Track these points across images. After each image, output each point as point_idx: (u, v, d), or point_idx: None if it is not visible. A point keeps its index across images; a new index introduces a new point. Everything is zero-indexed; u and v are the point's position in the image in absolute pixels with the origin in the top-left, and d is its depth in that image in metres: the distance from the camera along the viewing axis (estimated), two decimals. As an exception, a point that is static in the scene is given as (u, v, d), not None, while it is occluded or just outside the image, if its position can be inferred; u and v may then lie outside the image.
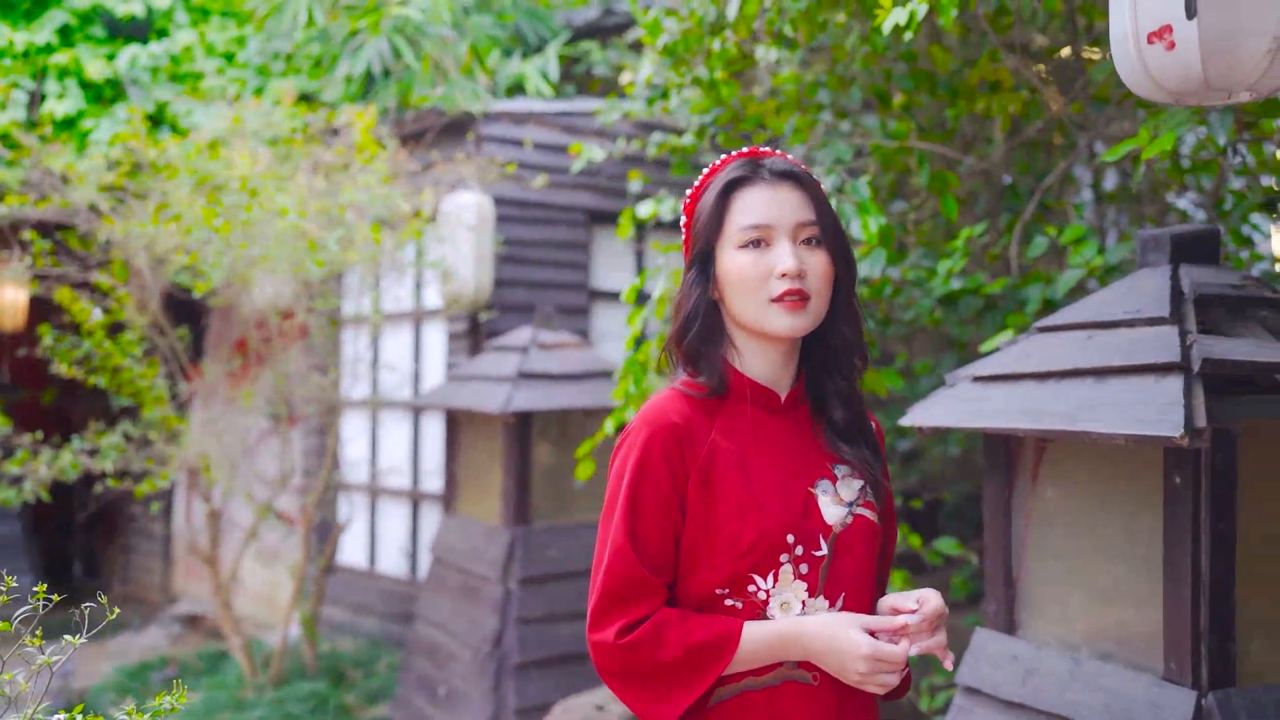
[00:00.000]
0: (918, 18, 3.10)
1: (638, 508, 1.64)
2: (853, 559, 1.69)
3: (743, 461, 1.68)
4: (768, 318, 1.67)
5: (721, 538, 1.63)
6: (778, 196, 1.68)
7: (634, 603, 1.63)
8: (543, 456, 5.37)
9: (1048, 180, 4.41)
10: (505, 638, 5.03)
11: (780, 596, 1.64)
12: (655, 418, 1.68)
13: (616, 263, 6.75)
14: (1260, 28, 1.55)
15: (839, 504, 1.70)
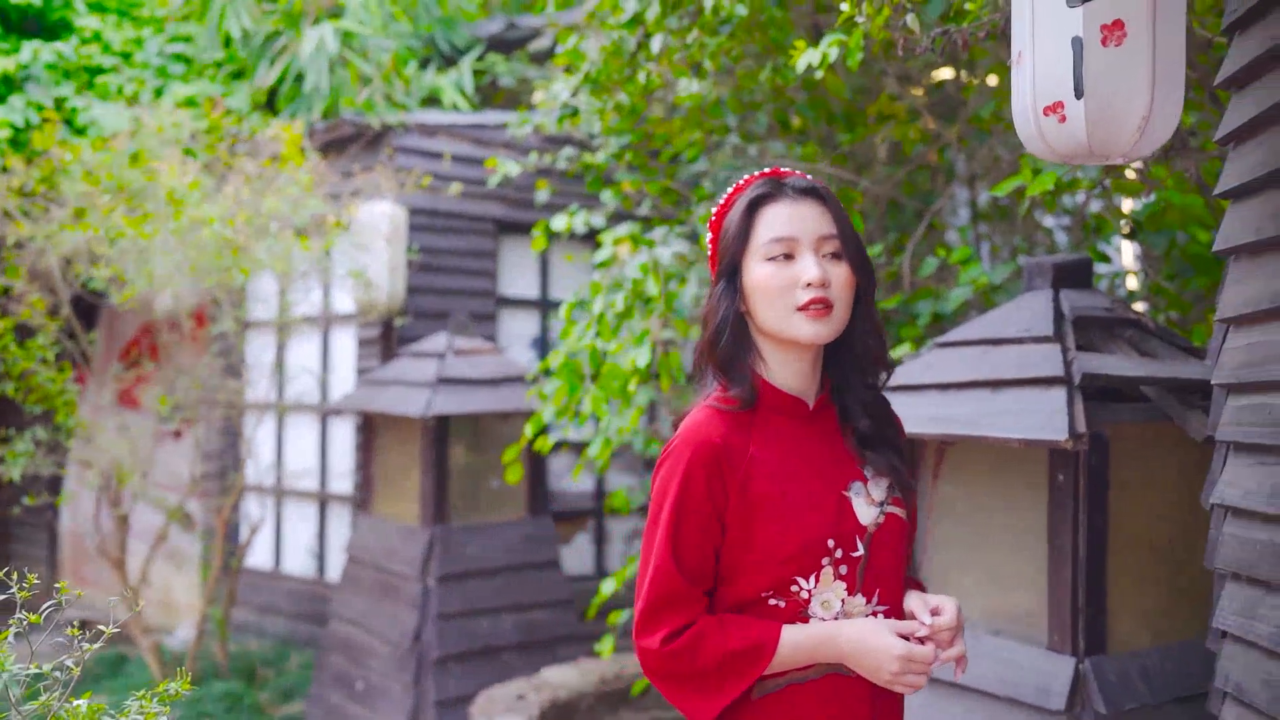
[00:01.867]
0: (829, 59, 3.43)
1: (680, 525, 1.72)
2: (887, 555, 1.78)
3: (779, 471, 1.75)
4: (794, 325, 1.74)
5: (764, 546, 1.71)
6: (800, 212, 1.77)
7: (676, 612, 1.71)
8: (459, 458, 5.58)
9: (936, 205, 4.81)
10: (424, 633, 5.22)
11: (821, 595, 1.72)
12: (695, 438, 1.74)
13: (523, 271, 6.98)
14: (1132, 109, 1.89)
15: (871, 504, 1.78)
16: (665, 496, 1.74)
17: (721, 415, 1.77)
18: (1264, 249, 2.05)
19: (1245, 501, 2.05)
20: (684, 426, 1.79)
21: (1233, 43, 2.21)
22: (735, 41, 4.34)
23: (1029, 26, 1.96)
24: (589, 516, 7.07)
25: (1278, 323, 2.00)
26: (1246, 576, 2.07)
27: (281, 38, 6.96)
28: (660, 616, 1.72)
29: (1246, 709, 2.07)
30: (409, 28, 7.44)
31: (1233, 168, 2.17)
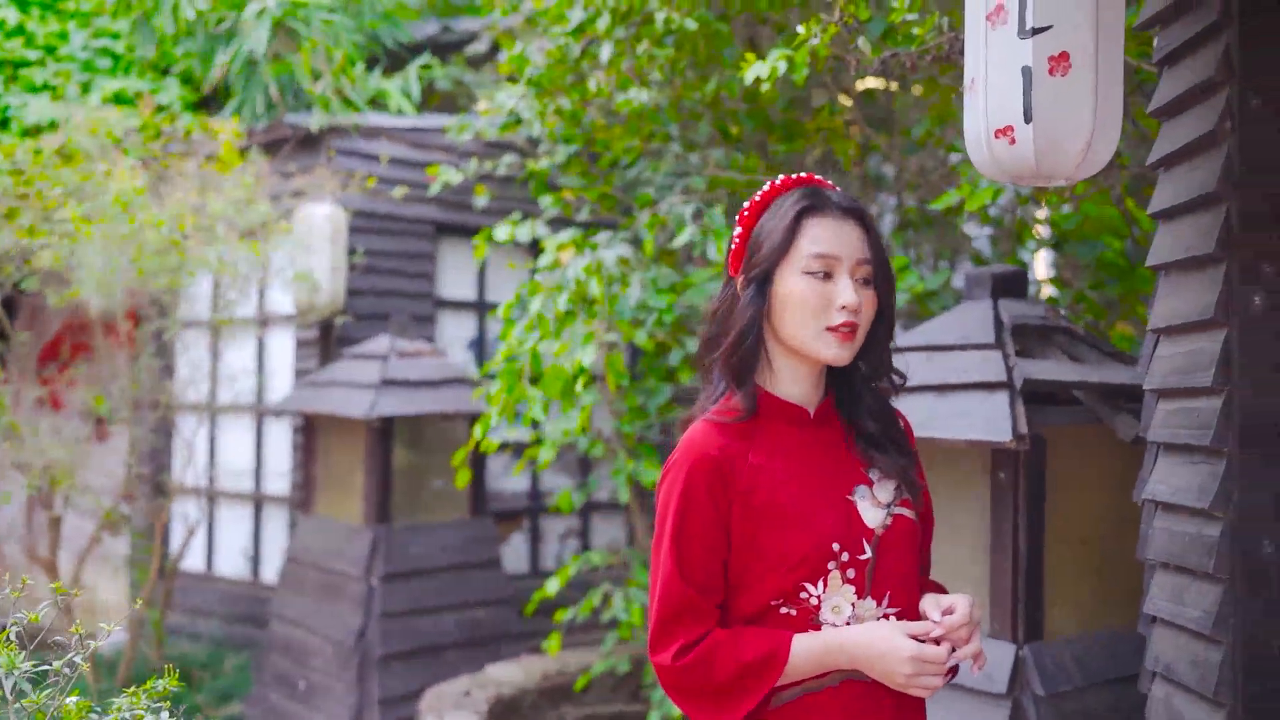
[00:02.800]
0: (778, 73, 3.57)
1: (683, 540, 1.72)
2: (896, 557, 1.77)
3: (783, 480, 1.75)
4: (820, 344, 1.74)
5: (771, 555, 1.71)
6: (844, 230, 1.76)
7: (686, 626, 1.72)
8: (402, 459, 5.63)
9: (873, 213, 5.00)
10: (368, 632, 5.27)
11: (831, 601, 1.72)
12: (693, 452, 1.74)
13: (461, 273, 7.04)
14: (1076, 134, 2.04)
15: (878, 507, 1.78)
16: (667, 512, 1.75)
17: (720, 427, 1.77)
18: (1192, 266, 2.22)
19: (1175, 497, 2.22)
20: (682, 441, 1.79)
21: (1163, 75, 2.39)
22: (681, 53, 4.47)
23: (982, 55, 2.10)
24: (524, 516, 7.15)
25: (1204, 334, 2.17)
26: (1175, 566, 2.24)
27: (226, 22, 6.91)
28: (671, 631, 1.72)
29: (1175, 687, 2.25)
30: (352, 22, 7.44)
31: (1164, 190, 2.35)
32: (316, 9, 6.75)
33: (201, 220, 5.37)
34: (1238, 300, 2.06)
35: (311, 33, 6.72)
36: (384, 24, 7.73)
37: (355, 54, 7.11)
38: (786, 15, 4.88)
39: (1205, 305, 2.13)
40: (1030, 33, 2.00)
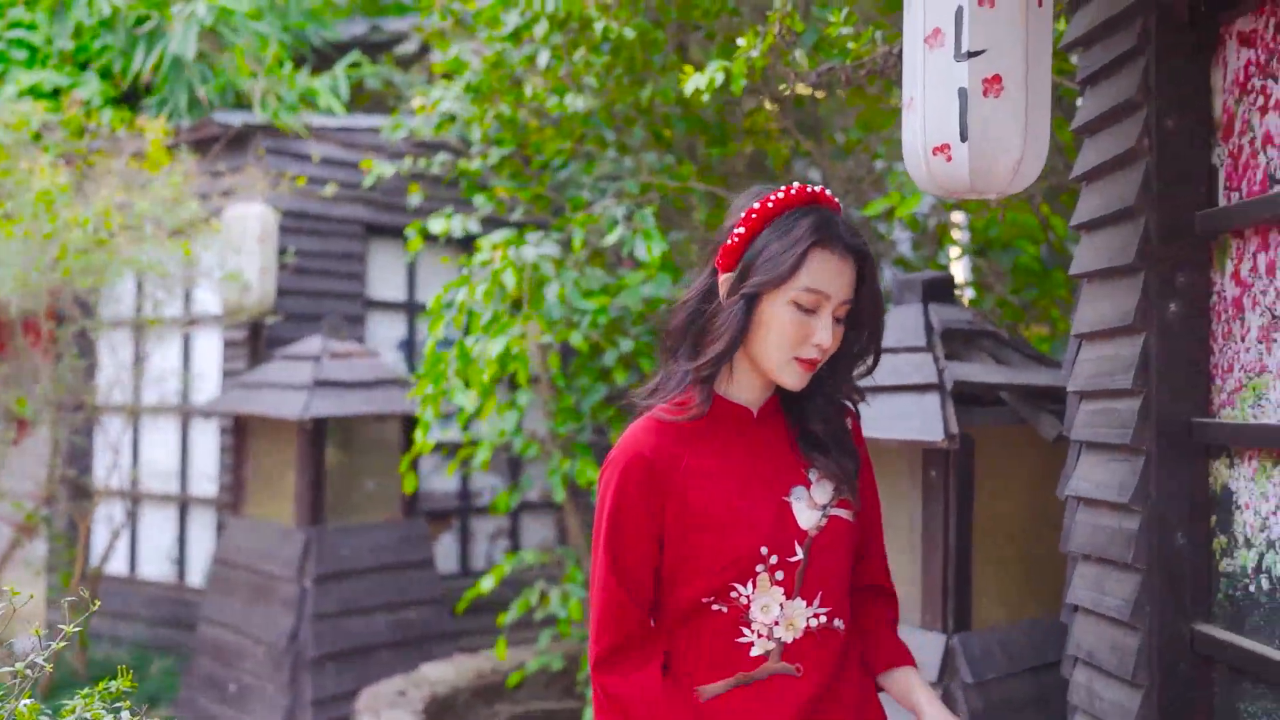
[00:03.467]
0: (715, 84, 3.67)
1: (617, 538, 1.74)
2: (830, 559, 1.78)
3: (718, 481, 1.75)
4: (784, 370, 1.74)
5: (701, 556, 1.72)
6: (842, 270, 1.73)
7: (617, 623, 1.75)
8: (334, 460, 5.63)
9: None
10: (301, 633, 5.26)
11: (760, 600, 1.73)
12: (629, 451, 1.75)
13: (391, 274, 7.03)
14: (1008, 152, 2.16)
15: (813, 508, 1.78)
16: (603, 509, 1.76)
17: (662, 426, 1.77)
18: (1113, 275, 2.36)
19: (1096, 493, 2.36)
20: (621, 438, 1.79)
21: (1085, 94, 2.53)
22: (617, 59, 4.55)
23: (920, 76, 2.22)
24: (454, 516, 7.17)
25: (1124, 339, 2.31)
26: (1096, 557, 2.38)
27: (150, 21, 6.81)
28: (604, 626, 1.75)
29: (1095, 671, 2.39)
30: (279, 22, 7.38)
31: (1086, 203, 2.49)
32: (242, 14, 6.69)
33: (128, 219, 5.31)
34: (1155, 308, 2.20)
35: (239, 37, 6.66)
36: (310, 23, 7.68)
37: (283, 53, 7.07)
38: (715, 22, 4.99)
39: (1125, 312, 2.27)
40: (966, 56, 2.11)
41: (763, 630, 1.73)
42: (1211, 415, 2.19)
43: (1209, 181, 2.20)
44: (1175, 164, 2.20)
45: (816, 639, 1.76)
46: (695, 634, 1.76)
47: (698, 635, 1.76)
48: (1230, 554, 2.12)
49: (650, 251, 4.39)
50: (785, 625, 1.74)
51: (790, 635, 1.74)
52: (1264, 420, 2.02)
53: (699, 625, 1.75)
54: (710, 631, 1.75)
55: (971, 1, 2.08)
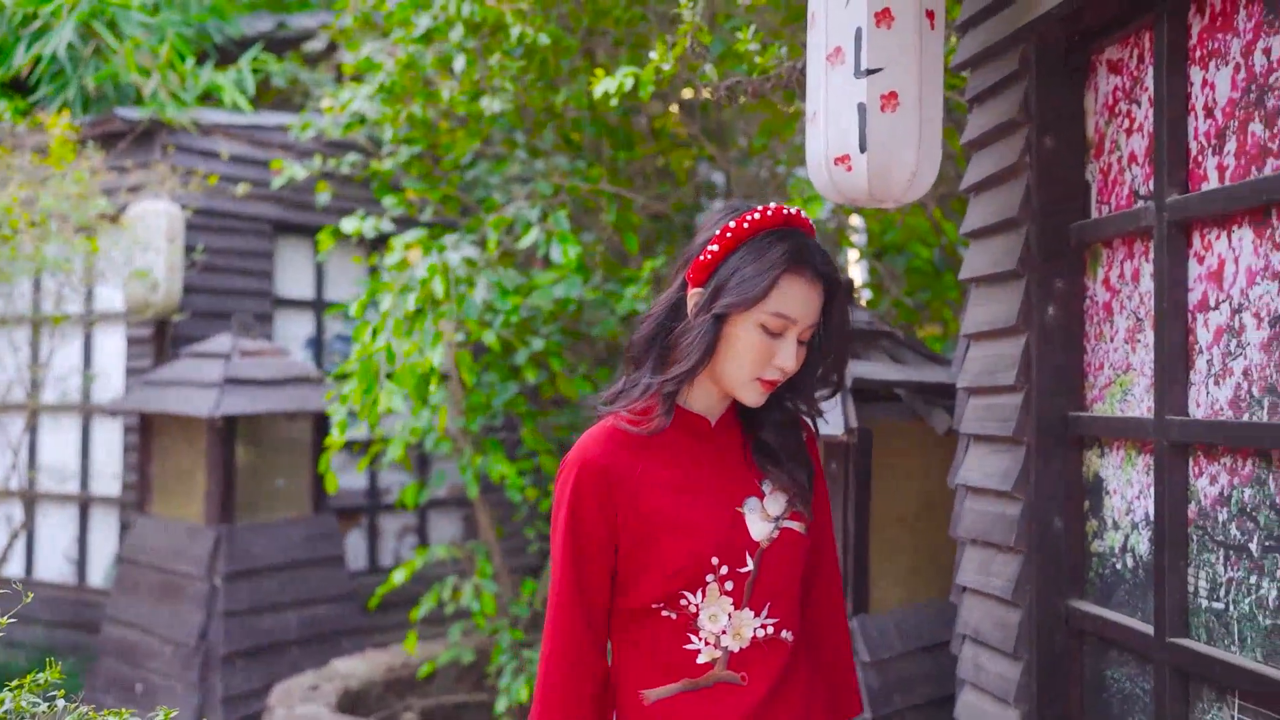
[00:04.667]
0: (625, 89, 3.80)
1: (570, 542, 1.75)
2: (781, 570, 1.78)
3: (671, 489, 1.76)
4: (745, 389, 1.75)
5: (652, 563, 1.73)
6: (811, 295, 1.73)
7: (567, 623, 1.76)
8: (243, 458, 5.63)
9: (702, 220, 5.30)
10: (211, 631, 5.26)
11: (708, 609, 1.74)
12: (584, 455, 1.76)
13: (299, 272, 7.02)
14: (904, 163, 2.33)
15: (766, 520, 1.78)
16: (558, 512, 1.78)
17: (617, 433, 1.78)
18: (997, 280, 2.56)
19: (983, 481, 2.55)
20: (578, 443, 1.81)
21: (973, 111, 2.72)
22: (531, 63, 4.65)
23: (822, 92, 2.38)
24: (362, 513, 7.19)
25: (1007, 339, 2.51)
26: (983, 541, 2.57)
27: (38, 20, 6.70)
28: (554, 624, 1.77)
29: (981, 646, 2.58)
30: (179, 17, 7.30)
31: (973, 213, 2.68)
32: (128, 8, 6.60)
33: (34, 215, 5.24)
34: (1035, 311, 2.40)
35: (132, 30, 6.58)
36: (212, 18, 7.61)
37: (183, 48, 7.01)
38: (624, 29, 5.13)
39: (1008, 315, 2.46)
40: (865, 74, 2.28)
41: (710, 639, 1.74)
42: (1085, 409, 2.39)
43: (1083, 196, 2.40)
44: (1052, 179, 2.39)
45: (763, 649, 1.77)
46: (643, 638, 1.77)
47: (646, 639, 1.77)
48: (1100, 536, 2.32)
49: (565, 254, 4.51)
50: (733, 634, 1.74)
51: (737, 645, 1.75)
52: (1129, 414, 2.22)
53: (647, 629, 1.77)
54: (658, 636, 1.76)
55: (870, 23, 2.25)
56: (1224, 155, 1.96)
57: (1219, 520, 1.94)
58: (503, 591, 5.23)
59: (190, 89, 6.73)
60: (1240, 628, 1.87)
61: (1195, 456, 2.01)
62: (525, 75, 4.70)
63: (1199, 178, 2.02)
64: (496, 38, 4.63)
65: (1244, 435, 1.84)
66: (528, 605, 5.12)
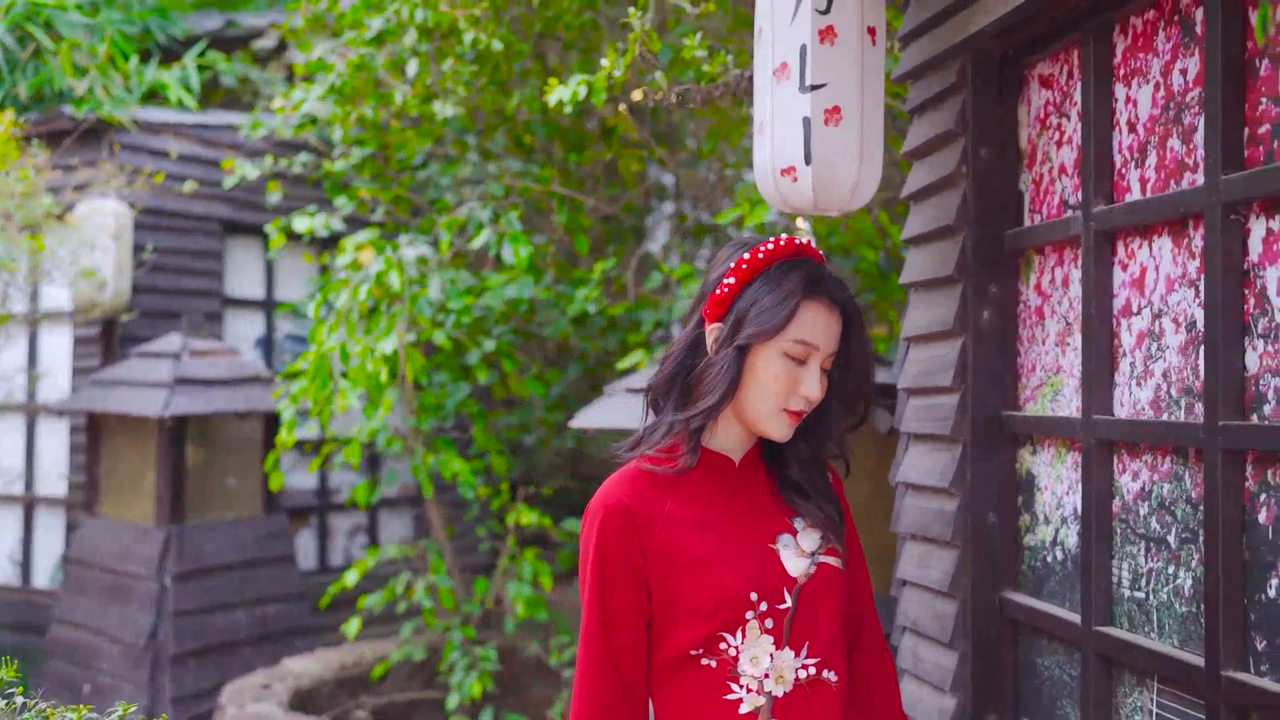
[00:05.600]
0: (579, 97, 3.87)
1: (604, 591, 1.71)
2: (820, 607, 1.73)
3: (701, 528, 1.72)
4: (772, 422, 1.73)
5: (688, 604, 1.68)
6: (831, 322, 1.73)
7: (601, 680, 1.71)
8: (194, 457, 5.63)
9: (653, 222, 5.39)
10: (160, 631, 5.26)
11: (749, 651, 1.68)
12: (609, 499, 1.72)
13: (248, 272, 7.01)
14: (847, 174, 2.43)
15: (801, 555, 1.74)
16: (587, 560, 1.73)
17: (642, 474, 1.75)
18: (936, 285, 2.66)
19: (922, 479, 2.65)
20: (602, 487, 1.77)
21: (913, 121, 2.82)
22: (483, 68, 4.71)
23: (769, 105, 2.46)
24: (312, 513, 7.20)
25: (945, 342, 2.61)
26: (922, 536, 2.68)
27: None
28: (588, 682, 1.72)
29: (920, 637, 2.68)
30: (120, 15, 7.25)
31: (913, 220, 2.78)
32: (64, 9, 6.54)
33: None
34: (971, 315, 2.50)
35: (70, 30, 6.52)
36: (154, 16, 7.56)
37: (126, 46, 6.96)
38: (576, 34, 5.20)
39: (946, 318, 2.56)
40: (809, 89, 2.37)
41: (752, 684, 1.68)
42: (1018, 409, 2.50)
43: (1016, 205, 2.50)
44: (988, 189, 2.50)
45: (806, 692, 1.71)
46: (681, 692, 1.71)
47: (684, 694, 1.71)
48: (1033, 530, 2.43)
49: (517, 254, 4.57)
50: (775, 678, 1.69)
51: (780, 689, 1.69)
52: (1059, 413, 2.33)
53: (685, 682, 1.71)
54: (697, 688, 1.70)
55: (814, 40, 2.34)
56: (1145, 168, 2.07)
57: (1140, 514, 2.05)
58: (455, 589, 5.28)
59: (134, 88, 6.68)
60: (1159, 615, 1.99)
61: (1119, 454, 2.12)
62: (478, 79, 4.76)
63: (1123, 189, 2.13)
64: (449, 41, 4.68)
65: (1163, 433, 1.95)
66: (479, 603, 5.18)
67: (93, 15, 6.80)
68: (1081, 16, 2.20)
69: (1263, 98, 1.77)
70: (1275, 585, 1.71)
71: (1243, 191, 1.76)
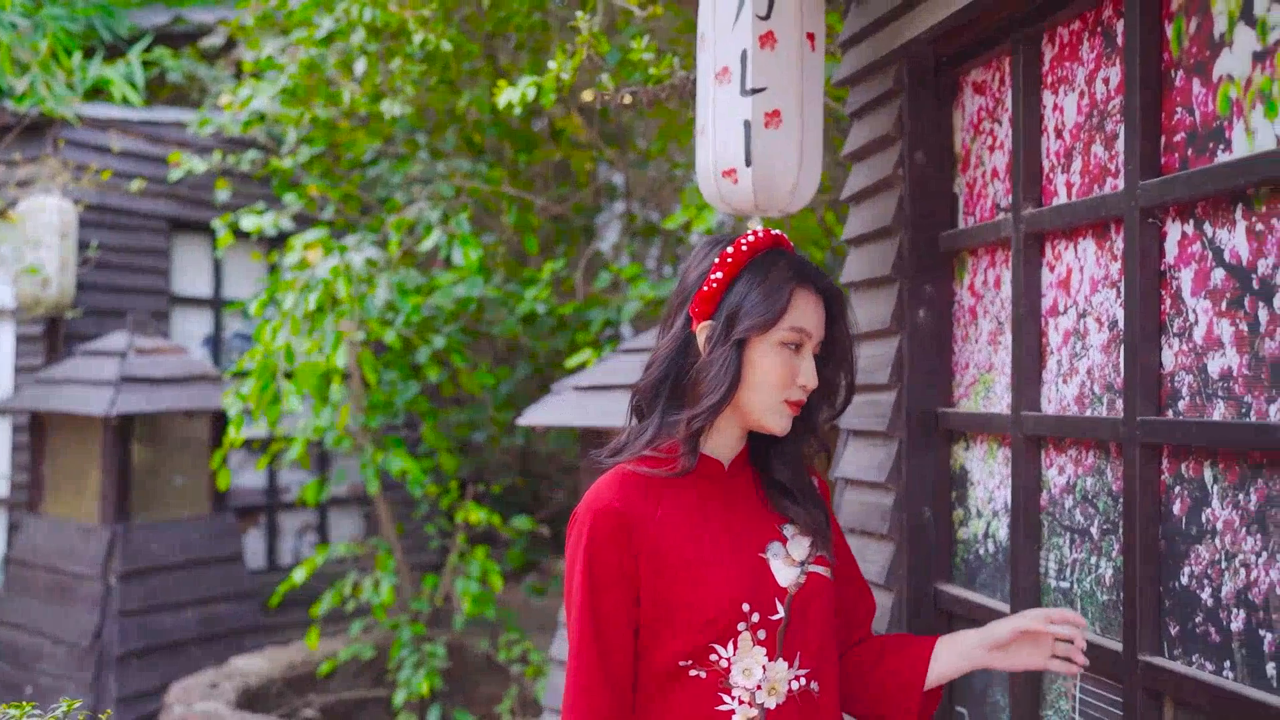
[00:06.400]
0: (528, 99, 3.91)
1: (594, 597, 1.66)
2: (811, 617, 1.71)
3: (691, 535, 1.69)
4: (774, 416, 1.71)
5: (679, 615, 1.64)
6: (819, 309, 1.74)
7: (594, 694, 1.65)
8: (140, 456, 5.59)
9: (604, 222, 5.44)
10: (105, 631, 5.22)
11: (741, 663, 1.64)
12: (598, 503, 1.68)
13: (196, 270, 6.97)
14: (786, 176, 2.49)
15: (791, 565, 1.72)
16: (574, 569, 1.69)
17: (630, 478, 1.71)
18: (874, 285, 2.73)
19: (860, 474, 2.72)
20: (589, 491, 1.73)
21: (853, 125, 2.89)
22: (432, 68, 4.73)
23: (710, 108, 2.52)
24: (261, 512, 7.17)
25: (883, 340, 2.68)
26: (860, 530, 2.74)
27: None
28: (576, 696, 1.66)
29: (859, 630, 2.75)
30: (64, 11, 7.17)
31: (853, 221, 2.85)
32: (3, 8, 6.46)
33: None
34: (908, 314, 2.57)
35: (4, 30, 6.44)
36: (99, 13, 7.48)
37: (69, 43, 6.89)
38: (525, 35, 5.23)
39: (884, 317, 2.63)
40: (750, 93, 2.43)
41: (744, 696, 1.64)
42: (952, 406, 2.57)
43: (951, 207, 2.58)
44: (924, 192, 2.57)
45: (798, 704, 1.68)
46: (669, 706, 1.66)
47: (672, 707, 1.66)
48: (966, 523, 2.51)
49: (467, 256, 4.60)
50: (768, 690, 1.65)
51: (774, 701, 1.65)
52: (991, 410, 2.40)
53: (673, 695, 1.66)
54: (687, 701, 1.65)
55: (754, 45, 2.40)
56: (1071, 173, 2.14)
57: (1066, 507, 2.12)
58: (404, 586, 5.29)
59: (77, 84, 6.62)
60: (1083, 604, 2.06)
61: (1046, 449, 2.19)
62: (427, 78, 4.78)
63: (1051, 193, 2.21)
64: (399, 41, 4.70)
65: (1086, 428, 2.03)
66: (428, 601, 5.19)
67: (35, 12, 6.71)
68: (1012, 25, 2.28)
69: (1178, 107, 1.84)
70: (1188, 573, 1.79)
71: (1159, 197, 1.83)
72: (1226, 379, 1.72)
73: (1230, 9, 1.73)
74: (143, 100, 7.12)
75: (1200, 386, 1.78)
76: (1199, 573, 1.76)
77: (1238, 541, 1.69)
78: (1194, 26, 1.82)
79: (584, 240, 5.77)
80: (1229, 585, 1.70)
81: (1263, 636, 1.63)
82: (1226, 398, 1.72)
